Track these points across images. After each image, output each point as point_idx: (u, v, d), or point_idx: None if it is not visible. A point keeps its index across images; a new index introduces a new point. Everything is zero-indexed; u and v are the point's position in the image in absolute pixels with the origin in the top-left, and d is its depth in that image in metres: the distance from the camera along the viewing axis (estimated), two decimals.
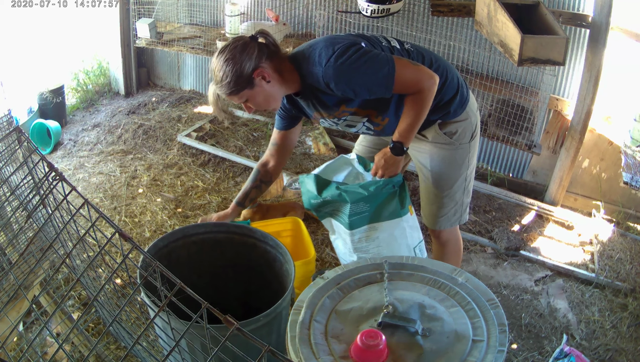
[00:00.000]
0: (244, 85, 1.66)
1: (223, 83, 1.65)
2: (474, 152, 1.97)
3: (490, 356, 1.17)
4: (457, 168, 1.94)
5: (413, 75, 1.66)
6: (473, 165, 2.00)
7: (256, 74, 1.65)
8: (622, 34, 2.72)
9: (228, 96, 1.70)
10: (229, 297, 1.98)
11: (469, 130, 1.89)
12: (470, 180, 2.01)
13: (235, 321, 0.79)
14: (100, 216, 0.99)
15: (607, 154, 3.05)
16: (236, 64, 1.62)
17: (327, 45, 1.65)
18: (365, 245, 1.87)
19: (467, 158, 1.94)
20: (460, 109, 1.86)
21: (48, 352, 1.98)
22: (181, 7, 4.06)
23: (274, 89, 1.71)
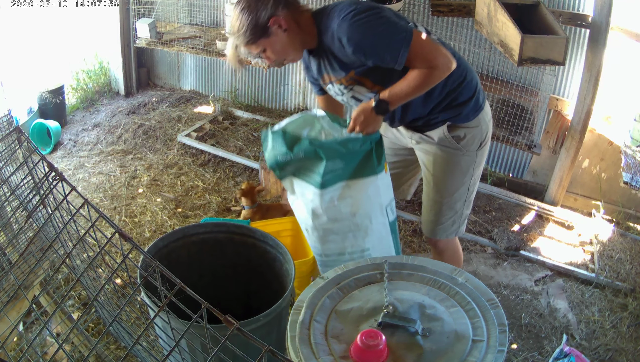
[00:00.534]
0: (261, 34, 1.65)
1: (240, 33, 1.65)
2: (481, 163, 1.91)
3: (490, 356, 1.17)
4: (460, 175, 1.89)
5: (429, 50, 1.59)
6: (477, 176, 1.94)
7: (272, 22, 1.64)
8: (622, 34, 2.72)
9: (246, 46, 1.69)
10: (229, 297, 1.98)
11: (478, 138, 1.84)
12: (472, 191, 1.95)
13: (235, 321, 0.79)
14: (100, 216, 0.99)
15: (607, 154, 3.05)
16: (252, 12, 1.62)
17: (349, 4, 1.62)
18: (337, 205, 1.73)
19: (472, 167, 1.88)
20: (473, 114, 1.81)
21: (48, 352, 1.98)
22: (181, 7, 4.06)
23: (291, 39, 1.68)
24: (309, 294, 1.36)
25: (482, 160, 1.92)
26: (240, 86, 4.33)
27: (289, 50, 1.71)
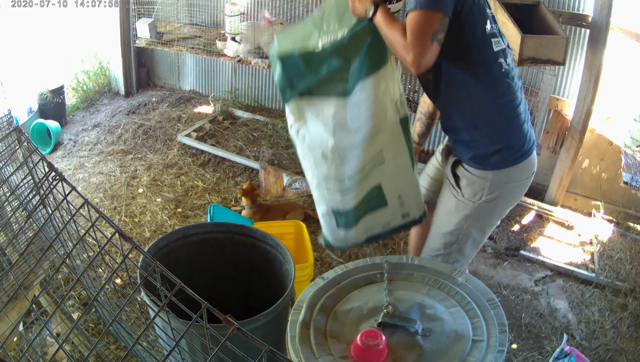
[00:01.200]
0: None
1: None
2: (481, 218, 1.72)
3: (490, 356, 1.17)
4: (450, 216, 1.74)
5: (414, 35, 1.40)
6: (477, 230, 1.75)
7: None
8: (622, 34, 2.72)
9: None
10: (229, 297, 1.98)
11: (479, 190, 1.66)
12: (467, 242, 1.76)
13: (235, 321, 0.79)
14: (100, 216, 0.99)
15: (607, 154, 3.05)
16: None
17: None
18: (360, 110, 1.57)
19: (467, 217, 1.71)
20: (485, 165, 1.63)
21: (48, 352, 1.98)
22: (181, 7, 4.06)
23: None
24: (309, 294, 1.36)
25: (485, 217, 1.73)
26: (240, 86, 4.33)
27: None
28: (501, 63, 1.56)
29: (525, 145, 1.64)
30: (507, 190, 1.68)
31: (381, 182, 1.71)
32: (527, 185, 1.73)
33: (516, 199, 1.76)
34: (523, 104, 1.65)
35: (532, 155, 1.67)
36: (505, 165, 1.63)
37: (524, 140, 1.63)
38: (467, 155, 1.66)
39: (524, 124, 1.63)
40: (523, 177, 1.68)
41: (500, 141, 1.61)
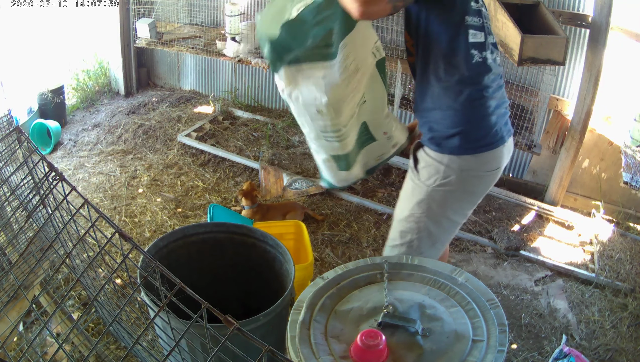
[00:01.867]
0: None
1: None
2: (437, 204, 1.68)
3: (490, 356, 1.17)
4: (407, 201, 1.73)
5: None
6: (433, 216, 1.70)
7: None
8: (622, 34, 2.72)
9: None
10: (229, 297, 1.98)
11: (434, 174, 1.65)
12: (426, 229, 1.72)
13: (235, 321, 0.79)
14: (100, 216, 0.99)
15: (607, 154, 3.05)
16: None
17: None
18: (347, 66, 1.61)
19: (423, 201, 1.68)
20: (442, 149, 1.62)
21: (48, 352, 1.98)
22: (181, 7, 4.06)
23: None
24: (309, 294, 1.36)
25: (439, 206, 1.69)
26: (240, 86, 4.33)
27: None
28: (473, 54, 1.57)
29: (489, 138, 1.61)
30: (463, 178, 1.64)
31: (366, 120, 1.78)
32: (490, 180, 1.70)
33: (476, 192, 1.72)
34: (497, 98, 1.63)
35: (496, 150, 1.63)
36: (462, 151, 1.61)
37: (488, 131, 1.60)
38: (427, 136, 1.66)
39: (491, 116, 1.61)
40: (482, 169, 1.65)
41: (458, 125, 1.60)
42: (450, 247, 2.83)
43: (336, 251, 2.76)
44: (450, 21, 1.56)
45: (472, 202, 1.76)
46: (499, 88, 1.64)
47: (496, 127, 1.63)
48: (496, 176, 1.71)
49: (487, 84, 1.60)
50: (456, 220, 1.78)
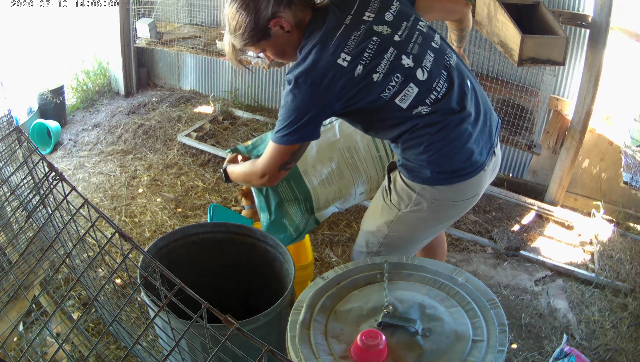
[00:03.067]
0: (260, 37, 1.50)
1: (237, 34, 1.50)
2: (405, 227, 1.66)
3: (490, 356, 1.17)
4: (374, 216, 1.72)
5: (268, 159, 1.56)
6: (399, 237, 1.69)
7: (273, 24, 1.48)
8: (622, 34, 2.72)
9: (244, 47, 1.56)
10: (229, 297, 1.98)
11: (405, 199, 1.61)
12: (390, 248, 1.72)
13: (235, 321, 0.79)
14: (100, 216, 0.99)
15: (607, 154, 3.05)
16: (250, 12, 1.45)
17: (306, 68, 1.44)
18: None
19: (390, 222, 1.67)
20: (414, 177, 1.57)
21: (48, 352, 1.98)
22: (181, 7, 4.06)
23: (292, 40, 1.53)
24: (309, 294, 1.36)
25: (409, 229, 1.67)
26: (240, 86, 4.33)
27: (288, 52, 1.58)
28: (420, 112, 1.48)
29: (465, 168, 1.54)
30: (435, 206, 1.59)
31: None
32: (466, 206, 1.65)
33: (448, 217, 1.69)
34: (452, 126, 1.50)
35: (474, 178, 1.56)
36: (434, 182, 1.55)
37: (463, 161, 1.53)
38: (400, 161, 1.60)
39: (465, 146, 1.52)
40: (457, 199, 1.60)
41: (429, 159, 1.53)
42: (450, 247, 2.83)
43: (336, 250, 2.76)
44: (377, 112, 1.50)
45: (444, 226, 1.74)
46: (464, 119, 1.52)
47: (474, 155, 1.54)
48: (474, 202, 1.66)
49: (450, 121, 1.50)
50: (425, 239, 1.76)
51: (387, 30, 1.49)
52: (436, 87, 1.50)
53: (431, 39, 1.55)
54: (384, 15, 1.51)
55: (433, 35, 1.57)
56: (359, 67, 1.43)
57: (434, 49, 1.54)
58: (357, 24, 1.47)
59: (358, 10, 1.50)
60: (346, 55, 1.42)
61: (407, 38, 1.51)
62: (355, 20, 1.48)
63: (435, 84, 1.50)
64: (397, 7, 1.54)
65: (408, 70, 1.47)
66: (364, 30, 1.47)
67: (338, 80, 1.42)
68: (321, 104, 1.45)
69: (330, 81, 1.42)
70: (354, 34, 1.46)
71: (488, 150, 1.60)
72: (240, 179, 1.77)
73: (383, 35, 1.47)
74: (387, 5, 1.53)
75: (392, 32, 1.49)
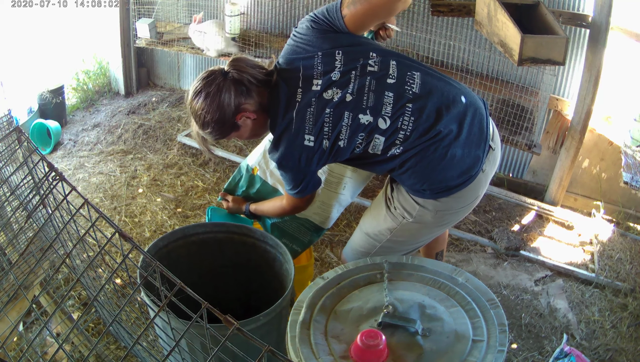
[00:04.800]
0: (229, 131, 1.59)
1: (206, 132, 1.58)
2: (402, 234, 1.71)
3: (490, 356, 1.17)
4: (375, 221, 1.76)
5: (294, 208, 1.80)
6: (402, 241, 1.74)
7: (239, 118, 1.55)
8: (622, 34, 2.72)
9: (215, 141, 1.67)
10: (229, 297, 1.98)
11: (409, 210, 1.65)
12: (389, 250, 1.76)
13: (235, 321, 0.79)
14: (100, 216, 0.99)
15: (607, 154, 3.05)
16: (215, 113, 1.52)
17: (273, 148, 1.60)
18: None
19: (390, 229, 1.71)
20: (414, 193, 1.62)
21: (48, 352, 1.98)
22: (181, 7, 4.06)
23: (260, 124, 1.61)
24: (309, 294, 1.36)
25: (411, 235, 1.72)
26: None
27: (260, 132, 1.67)
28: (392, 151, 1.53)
29: (462, 178, 1.56)
30: (439, 216, 1.64)
31: None
32: (466, 211, 1.69)
33: (452, 222, 1.74)
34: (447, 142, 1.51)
35: (473, 183, 1.58)
36: (435, 196, 1.59)
37: (457, 174, 1.55)
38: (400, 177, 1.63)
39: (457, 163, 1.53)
40: (458, 206, 1.63)
41: (423, 184, 1.58)
42: (450, 247, 2.83)
43: (336, 251, 2.76)
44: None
45: (446, 228, 1.82)
46: (428, 141, 1.51)
47: (467, 164, 1.55)
48: (476, 203, 1.68)
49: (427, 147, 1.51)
50: (426, 241, 1.82)
51: (337, 93, 1.50)
52: (402, 127, 1.50)
53: (386, 76, 1.51)
54: (330, 76, 1.51)
55: (387, 69, 1.51)
56: (325, 142, 1.53)
57: (391, 87, 1.50)
58: (308, 99, 1.52)
59: (305, 81, 1.53)
60: (309, 136, 1.52)
61: (359, 91, 1.50)
62: (305, 94, 1.52)
63: (400, 123, 1.50)
64: (341, 58, 1.52)
65: (369, 126, 1.51)
66: (315, 103, 1.51)
67: (312, 156, 1.55)
68: (309, 172, 1.61)
69: (306, 158, 1.55)
70: (308, 111, 1.51)
71: (483, 148, 1.57)
72: (272, 214, 1.97)
73: (334, 101, 1.50)
74: (330, 61, 1.51)
75: (343, 92, 1.50)
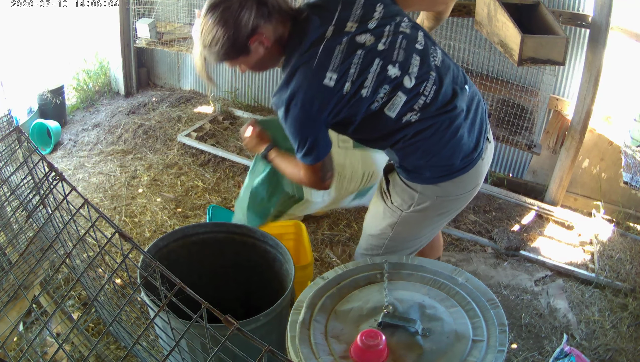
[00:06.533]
0: (238, 54, 1.43)
1: (213, 50, 1.41)
2: (408, 226, 1.66)
3: (490, 356, 1.17)
4: (375, 220, 1.71)
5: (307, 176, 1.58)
6: (405, 237, 1.70)
7: (252, 41, 1.41)
8: (622, 34, 2.72)
9: (218, 62, 1.47)
10: (229, 297, 1.98)
11: (407, 199, 1.61)
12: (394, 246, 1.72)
13: (235, 321, 0.79)
14: (100, 216, 0.99)
15: (607, 154, 3.05)
16: (229, 29, 1.36)
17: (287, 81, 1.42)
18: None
19: (394, 224, 1.66)
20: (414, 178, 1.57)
21: (48, 352, 1.98)
22: (181, 7, 4.06)
23: (271, 55, 1.48)
24: (309, 294, 1.36)
25: (414, 227, 1.67)
26: (240, 86, 4.33)
27: (267, 65, 1.53)
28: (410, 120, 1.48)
29: (464, 161, 1.55)
30: (439, 203, 1.60)
31: None
32: (465, 199, 1.66)
33: (452, 211, 1.70)
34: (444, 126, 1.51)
35: (473, 169, 1.57)
36: (435, 181, 1.56)
37: (460, 156, 1.54)
38: (397, 163, 1.60)
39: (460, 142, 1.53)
40: (458, 192, 1.60)
41: (426, 161, 1.54)
42: (450, 247, 2.83)
43: (336, 250, 2.76)
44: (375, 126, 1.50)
45: (447, 219, 1.75)
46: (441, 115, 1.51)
47: (470, 148, 1.55)
48: (475, 192, 1.66)
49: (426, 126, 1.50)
50: (429, 234, 1.76)
51: (370, 39, 1.44)
52: (424, 92, 1.47)
53: (415, 41, 1.50)
54: (367, 23, 1.45)
55: (416, 35, 1.51)
56: (347, 85, 1.41)
57: (419, 52, 1.49)
58: (339, 36, 1.42)
59: (340, 20, 1.44)
60: (332, 74, 1.40)
61: (391, 45, 1.46)
62: (337, 32, 1.43)
63: (423, 88, 1.47)
64: (381, 11, 1.48)
65: (395, 80, 1.45)
66: (347, 43, 1.42)
67: (328, 102, 1.41)
68: (318, 124, 1.45)
69: (320, 102, 1.41)
70: (337, 49, 1.41)
71: (483, 136, 1.60)
72: (287, 174, 1.75)
73: (367, 46, 1.43)
74: (370, 10, 1.47)
75: (376, 40, 1.44)
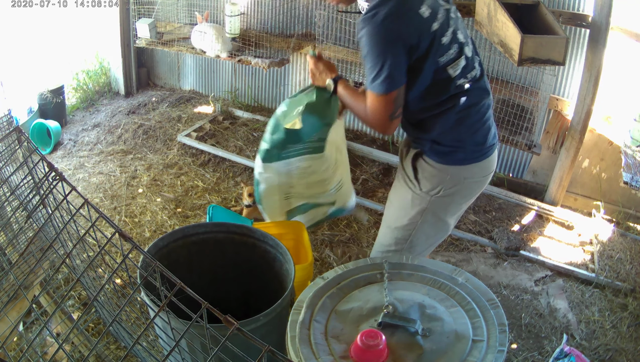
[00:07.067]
0: None
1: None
2: (438, 212, 1.74)
3: (490, 356, 1.17)
4: (403, 210, 1.76)
5: (376, 109, 1.57)
6: (434, 223, 1.76)
7: None
8: (622, 34, 2.72)
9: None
10: (229, 297, 1.98)
11: (439, 183, 1.69)
12: (421, 236, 1.77)
13: (235, 321, 0.79)
14: (100, 216, 0.99)
15: (607, 154, 3.05)
16: None
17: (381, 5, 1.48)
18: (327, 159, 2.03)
19: (423, 211, 1.72)
20: (446, 160, 1.67)
21: (48, 352, 1.98)
22: (181, 7, 4.05)
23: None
24: (309, 294, 1.36)
25: (440, 212, 1.75)
26: (240, 86, 4.33)
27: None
28: (462, 84, 1.62)
29: (487, 145, 1.71)
30: (466, 185, 1.73)
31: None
32: (485, 182, 1.79)
33: (473, 195, 1.81)
34: (486, 105, 1.70)
35: (492, 156, 1.75)
36: (466, 162, 1.69)
37: (485, 139, 1.70)
38: (429, 148, 1.70)
39: (486, 124, 1.70)
40: (481, 175, 1.75)
41: (460, 140, 1.67)
42: (450, 247, 2.83)
43: (336, 251, 2.76)
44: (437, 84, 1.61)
45: (467, 204, 1.85)
46: (482, 94, 1.70)
47: (490, 134, 1.73)
48: (489, 178, 1.81)
49: (474, 100, 1.66)
50: (451, 221, 1.84)
51: (446, 6, 1.60)
52: (475, 66, 1.66)
53: (459, 29, 1.67)
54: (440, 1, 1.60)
55: (458, 25, 1.68)
56: (435, 24, 1.53)
57: (464, 37, 1.66)
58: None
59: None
60: (427, 8, 1.52)
61: (456, 20, 1.64)
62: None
63: (476, 63, 1.67)
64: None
65: (461, 45, 1.61)
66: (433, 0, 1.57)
67: (418, 29, 1.50)
68: (403, 50, 1.49)
69: (412, 29, 1.49)
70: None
71: (495, 132, 1.79)
72: (352, 108, 1.72)
73: (445, 9, 1.59)
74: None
75: (449, 9, 1.62)
